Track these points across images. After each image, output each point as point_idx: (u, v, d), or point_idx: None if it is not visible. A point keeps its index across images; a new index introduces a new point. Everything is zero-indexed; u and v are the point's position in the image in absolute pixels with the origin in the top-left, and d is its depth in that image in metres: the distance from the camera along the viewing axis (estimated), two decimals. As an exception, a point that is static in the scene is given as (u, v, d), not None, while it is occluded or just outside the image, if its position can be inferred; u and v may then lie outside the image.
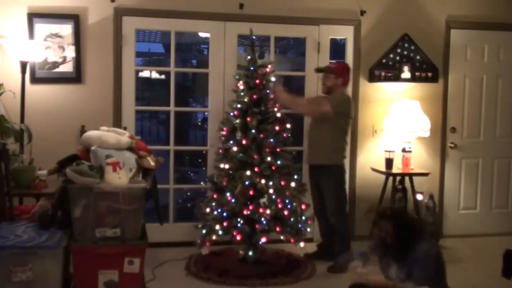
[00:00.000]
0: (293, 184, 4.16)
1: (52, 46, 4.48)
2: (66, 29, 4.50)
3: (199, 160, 5.39)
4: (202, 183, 4.89)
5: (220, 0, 4.78)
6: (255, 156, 4.04)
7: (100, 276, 2.85)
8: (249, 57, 4.24)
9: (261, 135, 4.09)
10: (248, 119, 4.09)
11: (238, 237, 4.02)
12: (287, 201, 4.09)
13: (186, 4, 4.72)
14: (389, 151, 4.88)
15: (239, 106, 4.18)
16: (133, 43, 4.72)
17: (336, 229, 4.33)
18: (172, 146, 4.90)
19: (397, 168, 4.94)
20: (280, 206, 4.03)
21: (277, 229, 4.08)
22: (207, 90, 4.95)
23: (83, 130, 4.26)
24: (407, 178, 4.90)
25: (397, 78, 5.06)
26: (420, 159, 5.19)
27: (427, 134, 4.95)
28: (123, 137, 3.15)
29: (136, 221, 2.97)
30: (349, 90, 5.06)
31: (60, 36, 4.51)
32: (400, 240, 2.95)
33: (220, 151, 4.29)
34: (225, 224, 4.04)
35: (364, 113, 5.10)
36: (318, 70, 4.60)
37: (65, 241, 2.86)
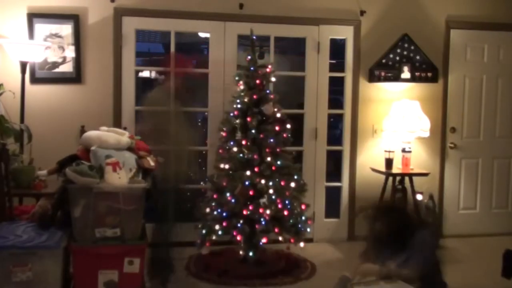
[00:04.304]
0: (293, 185, 4.15)
1: (52, 46, 4.47)
2: (66, 29, 4.50)
3: (199, 160, 5.38)
4: (202, 183, 4.87)
5: (220, 0, 4.78)
6: (255, 156, 4.04)
7: (100, 276, 2.85)
8: (249, 57, 4.23)
9: (261, 135, 4.09)
10: (248, 119, 4.09)
11: (238, 237, 4.02)
12: (287, 201, 4.09)
13: (186, 4, 4.72)
14: (389, 151, 4.88)
15: (239, 106, 4.18)
16: (133, 43, 4.71)
17: None
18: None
19: (397, 168, 4.93)
20: (280, 206, 4.02)
21: (277, 229, 4.07)
22: (207, 90, 4.94)
23: (83, 130, 4.25)
24: (407, 178, 4.90)
25: (397, 78, 5.06)
26: (420, 159, 5.19)
27: (427, 134, 4.95)
28: (123, 137, 3.16)
29: (136, 221, 2.97)
30: (349, 90, 5.08)
31: (60, 36, 4.50)
32: (395, 234, 2.92)
33: (220, 151, 4.29)
34: (225, 224, 4.04)
35: (364, 113, 5.10)
36: None
37: (65, 241, 2.86)
